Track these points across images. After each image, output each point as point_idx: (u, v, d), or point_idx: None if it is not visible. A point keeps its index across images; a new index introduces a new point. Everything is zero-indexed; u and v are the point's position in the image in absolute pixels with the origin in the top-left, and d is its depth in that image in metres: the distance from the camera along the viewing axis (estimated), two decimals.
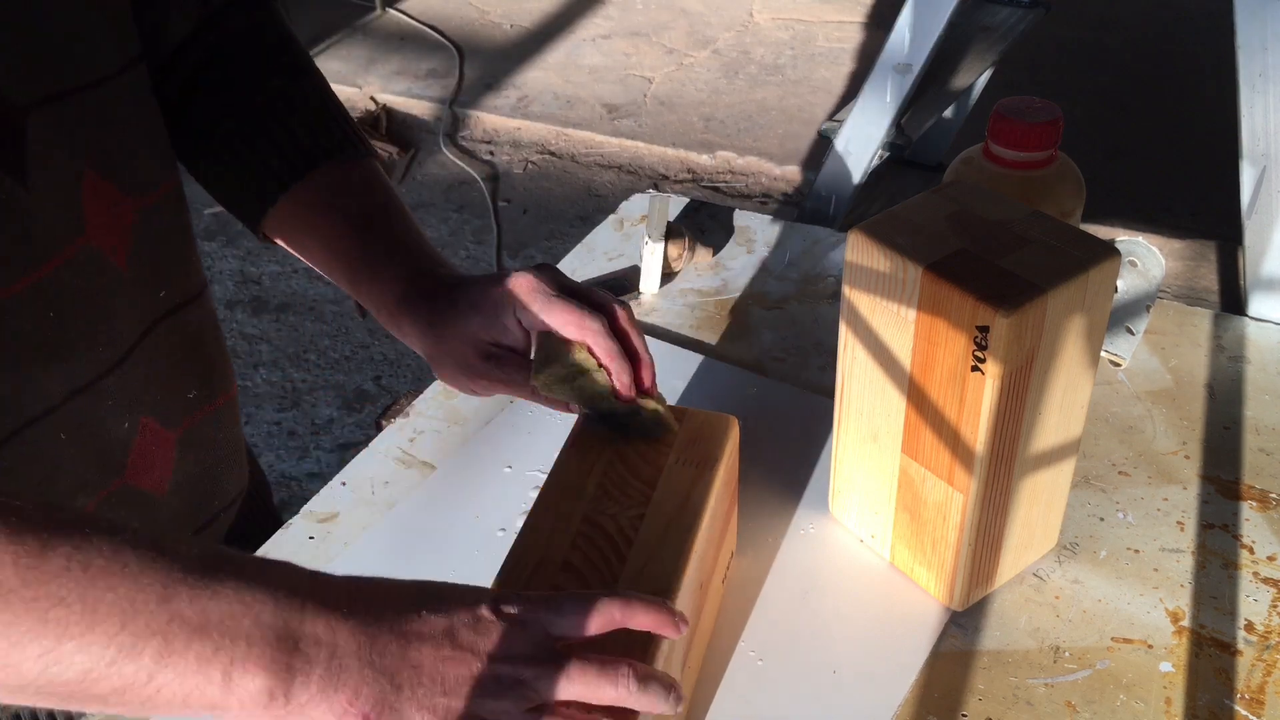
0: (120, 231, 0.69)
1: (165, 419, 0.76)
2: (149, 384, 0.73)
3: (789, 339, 1.00)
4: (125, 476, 0.73)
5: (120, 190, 0.69)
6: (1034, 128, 0.81)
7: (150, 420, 0.74)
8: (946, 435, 0.69)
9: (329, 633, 0.48)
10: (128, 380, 0.71)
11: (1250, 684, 0.70)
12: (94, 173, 0.67)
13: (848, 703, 0.70)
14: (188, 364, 0.77)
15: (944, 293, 0.65)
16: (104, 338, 0.69)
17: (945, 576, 0.74)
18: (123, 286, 0.70)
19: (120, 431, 0.72)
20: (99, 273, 0.68)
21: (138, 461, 0.74)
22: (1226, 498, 0.83)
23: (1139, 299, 0.98)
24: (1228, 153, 2.07)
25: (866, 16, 3.84)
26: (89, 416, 0.69)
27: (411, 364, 2.51)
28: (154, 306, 0.74)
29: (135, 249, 0.71)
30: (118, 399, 0.71)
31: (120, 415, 0.72)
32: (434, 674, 0.49)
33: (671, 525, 0.65)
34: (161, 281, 0.74)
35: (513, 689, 0.50)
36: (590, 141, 3.31)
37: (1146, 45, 3.59)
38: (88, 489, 0.71)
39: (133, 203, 0.70)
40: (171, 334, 0.75)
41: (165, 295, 0.75)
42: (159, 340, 0.74)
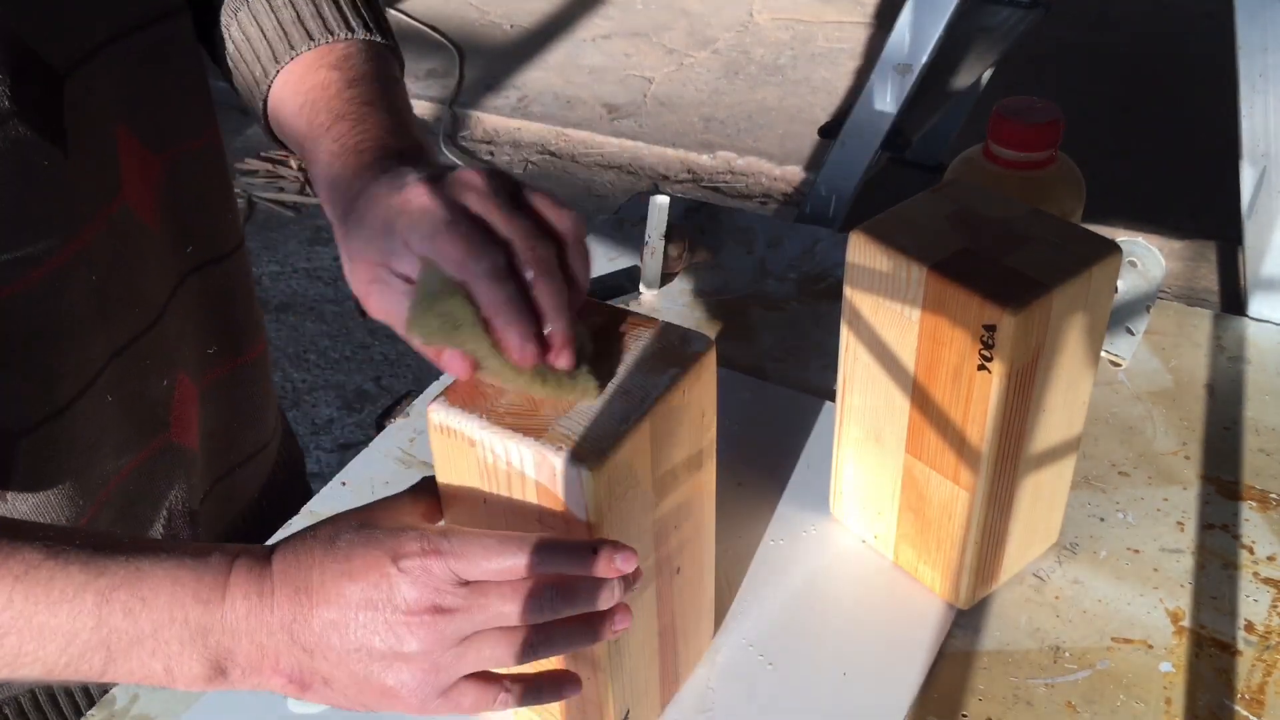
0: (149, 187, 0.69)
1: (194, 374, 0.76)
2: (181, 340, 0.74)
3: (789, 339, 1.00)
4: (169, 434, 0.74)
5: (146, 145, 0.68)
6: (1034, 128, 0.81)
7: (185, 376, 0.75)
8: (952, 434, 0.69)
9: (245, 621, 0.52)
10: (163, 338, 0.72)
11: (1250, 684, 0.71)
12: (125, 128, 0.66)
13: (860, 704, 0.70)
14: (212, 320, 0.77)
15: (949, 292, 0.65)
16: (140, 298, 0.69)
17: (950, 575, 0.74)
18: (153, 244, 0.70)
19: (159, 389, 0.72)
20: (134, 232, 0.68)
21: (179, 417, 0.75)
22: (1226, 498, 0.83)
23: (1139, 299, 0.98)
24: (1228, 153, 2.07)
25: (866, 16, 3.84)
26: (129, 376, 0.70)
27: (411, 364, 2.51)
28: (182, 262, 0.73)
29: (161, 205, 0.70)
30: (154, 357, 0.71)
31: (160, 373, 0.72)
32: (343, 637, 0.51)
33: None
34: (188, 238, 0.73)
35: (424, 634, 0.51)
36: (590, 142, 3.31)
37: (1146, 45, 3.60)
38: (131, 448, 0.71)
39: (158, 158, 0.69)
40: (197, 290, 0.75)
41: (192, 251, 0.74)
42: (187, 296, 0.74)
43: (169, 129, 0.70)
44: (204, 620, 0.52)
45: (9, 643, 0.51)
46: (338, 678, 0.52)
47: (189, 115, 0.72)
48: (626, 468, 0.55)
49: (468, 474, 0.57)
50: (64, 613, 0.51)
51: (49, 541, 0.52)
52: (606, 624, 0.53)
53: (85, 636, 0.51)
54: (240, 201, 3.06)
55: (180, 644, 0.52)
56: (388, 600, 0.51)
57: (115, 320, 0.68)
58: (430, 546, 0.51)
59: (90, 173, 0.63)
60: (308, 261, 2.85)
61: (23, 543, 0.52)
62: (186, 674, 0.52)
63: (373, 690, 0.53)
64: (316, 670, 0.52)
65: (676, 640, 0.68)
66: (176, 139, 0.71)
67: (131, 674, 0.52)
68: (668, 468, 0.59)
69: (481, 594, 0.51)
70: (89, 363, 0.66)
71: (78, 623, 0.51)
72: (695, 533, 0.65)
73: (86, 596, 0.51)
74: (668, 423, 0.58)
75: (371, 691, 0.53)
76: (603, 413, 0.55)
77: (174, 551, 0.53)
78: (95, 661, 0.52)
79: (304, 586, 0.52)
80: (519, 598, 0.51)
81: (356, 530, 0.53)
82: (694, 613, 0.69)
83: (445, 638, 0.51)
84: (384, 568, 0.51)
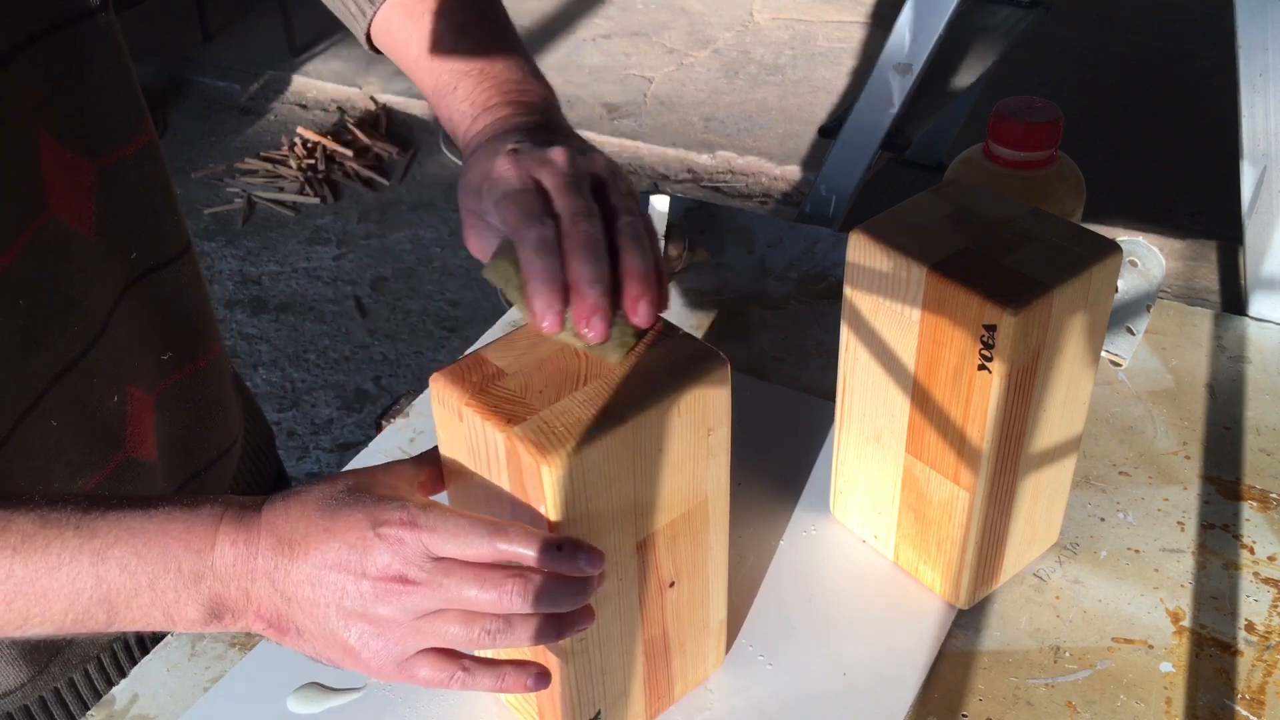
0: (83, 196, 0.67)
1: (146, 384, 0.75)
2: (129, 352, 0.72)
3: (789, 339, 1.00)
4: (125, 449, 0.73)
5: (78, 152, 0.66)
6: (1034, 128, 0.81)
7: (135, 389, 0.74)
8: (952, 434, 0.69)
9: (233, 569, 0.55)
10: (108, 351, 0.70)
11: (1250, 684, 0.71)
12: (49, 137, 0.63)
13: (860, 704, 0.70)
14: (164, 328, 0.76)
15: (949, 292, 0.65)
16: (79, 313, 0.68)
17: (951, 575, 0.74)
18: (92, 255, 0.68)
19: (110, 405, 0.71)
20: (66, 246, 0.66)
21: (134, 432, 0.74)
22: (1227, 498, 0.83)
23: (1139, 299, 0.98)
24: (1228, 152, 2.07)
25: (866, 16, 3.84)
26: (77, 396, 0.69)
27: (411, 364, 2.51)
28: (125, 270, 0.71)
29: (100, 212, 0.68)
30: (102, 373, 0.70)
31: (109, 389, 0.71)
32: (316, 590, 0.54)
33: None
34: (131, 244, 0.72)
35: (389, 601, 0.53)
36: (590, 141, 3.31)
37: (1146, 45, 3.60)
38: (86, 469, 0.71)
39: (91, 164, 0.67)
40: (145, 298, 0.73)
41: (137, 258, 0.72)
42: (133, 305, 0.72)
43: (102, 134, 0.68)
44: (196, 567, 0.54)
45: (17, 606, 0.54)
46: (309, 628, 0.55)
47: (121, 118, 0.69)
48: (597, 470, 0.55)
49: (459, 449, 0.59)
50: (63, 576, 0.53)
51: (40, 509, 0.54)
52: (568, 623, 0.54)
53: (87, 595, 0.54)
54: (239, 201, 3.06)
55: (176, 591, 0.54)
56: (360, 563, 0.53)
57: (53, 340, 0.66)
58: (409, 518, 0.53)
59: (10, 188, 0.61)
60: (308, 261, 2.85)
61: (17, 514, 0.54)
62: (185, 618, 0.55)
63: (337, 646, 0.54)
64: (292, 619, 0.55)
65: (670, 655, 0.67)
66: (111, 144, 0.69)
67: (135, 623, 0.55)
68: (657, 479, 0.59)
69: (448, 573, 0.53)
70: (27, 388, 0.65)
71: (78, 583, 0.53)
72: (697, 551, 0.65)
73: (82, 558, 0.53)
74: (657, 434, 0.57)
75: (336, 647, 0.55)
76: (589, 412, 0.55)
77: (164, 505, 0.55)
78: (99, 616, 0.54)
79: (287, 538, 0.54)
80: (483, 583, 0.52)
81: (347, 492, 0.55)
82: (693, 630, 0.68)
83: (406, 608, 0.53)
84: (363, 531, 0.53)
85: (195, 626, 0.55)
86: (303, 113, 3.50)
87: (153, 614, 0.55)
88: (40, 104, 0.63)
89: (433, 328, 2.62)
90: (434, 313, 2.67)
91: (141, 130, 0.71)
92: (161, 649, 0.75)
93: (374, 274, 2.79)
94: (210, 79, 3.62)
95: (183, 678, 0.73)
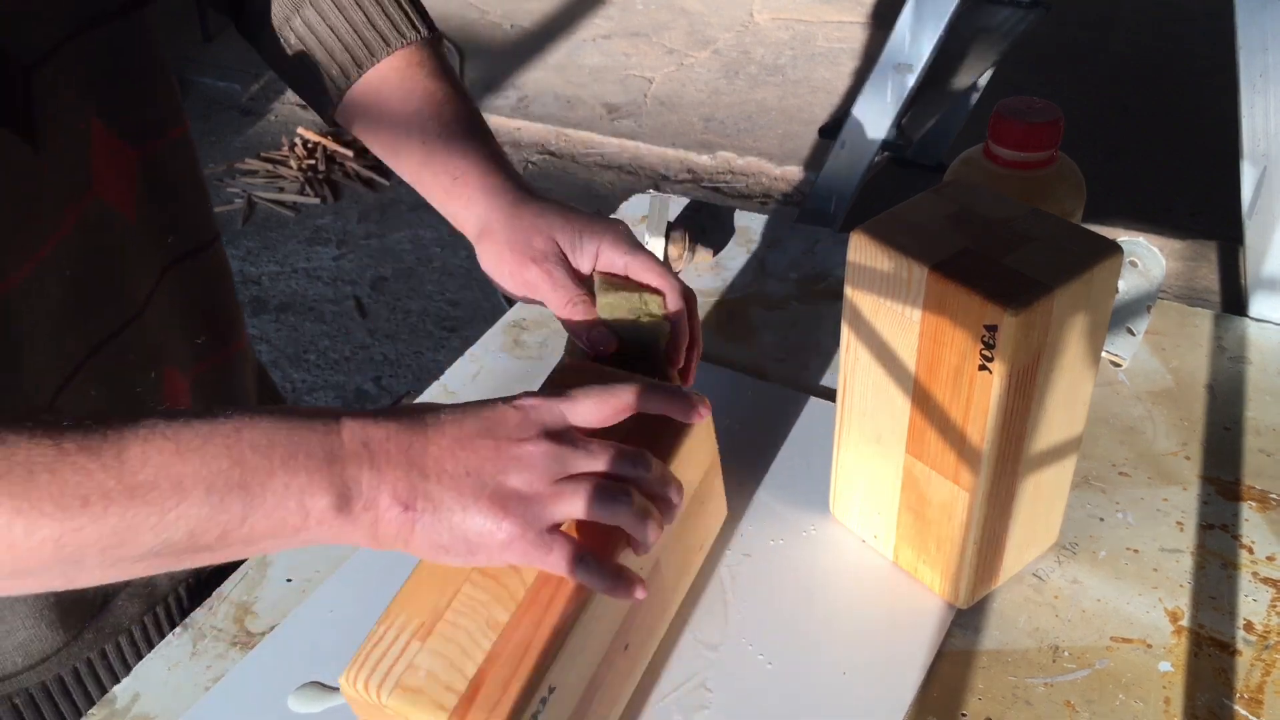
0: (126, 181, 0.70)
1: (182, 366, 0.77)
2: (165, 333, 0.75)
3: (789, 340, 1.00)
4: None
5: (122, 138, 0.69)
6: (1034, 128, 0.81)
7: (173, 370, 0.76)
8: (952, 435, 0.69)
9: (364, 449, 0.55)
10: (145, 331, 0.72)
11: (1249, 684, 0.71)
12: (99, 122, 0.67)
13: (860, 704, 0.70)
14: (198, 312, 0.78)
15: (950, 292, 0.65)
16: (118, 291, 0.70)
17: (950, 575, 0.74)
18: (132, 237, 0.71)
19: (148, 383, 0.73)
20: (109, 226, 0.68)
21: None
22: (1226, 498, 0.83)
23: (1139, 299, 0.98)
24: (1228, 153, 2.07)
25: (866, 16, 3.84)
26: (113, 371, 0.70)
27: (411, 364, 2.51)
28: (163, 254, 0.74)
29: (141, 197, 0.71)
30: (138, 352, 0.72)
31: (144, 367, 0.73)
32: (456, 460, 0.55)
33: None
34: (169, 228, 0.75)
35: (531, 463, 0.55)
36: (590, 142, 3.31)
37: (1146, 45, 3.60)
38: None
39: (136, 151, 0.70)
40: (182, 281, 0.76)
41: (174, 242, 0.75)
42: (171, 288, 0.75)
43: (145, 122, 0.71)
44: (328, 446, 0.53)
45: (154, 497, 0.51)
46: (445, 501, 0.54)
47: (162, 108, 0.73)
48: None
49: None
50: (196, 460, 0.51)
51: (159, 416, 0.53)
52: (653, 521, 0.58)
53: (223, 479, 0.52)
54: (239, 201, 3.06)
55: (308, 473, 0.53)
56: (499, 428, 0.55)
57: (94, 315, 0.68)
58: (539, 395, 0.58)
59: (62, 168, 0.64)
60: (308, 261, 2.85)
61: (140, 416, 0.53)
62: (318, 507, 0.53)
63: (476, 515, 0.54)
64: (429, 494, 0.54)
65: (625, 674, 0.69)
66: (154, 132, 0.72)
67: (269, 518, 0.53)
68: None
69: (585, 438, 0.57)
70: (68, 360, 0.67)
71: (213, 465, 0.52)
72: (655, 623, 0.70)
73: (215, 440, 0.52)
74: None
75: (475, 516, 0.54)
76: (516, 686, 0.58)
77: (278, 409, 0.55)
78: (235, 509, 0.52)
79: (420, 424, 0.55)
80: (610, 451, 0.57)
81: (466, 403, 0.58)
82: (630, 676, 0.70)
83: (549, 469, 0.55)
84: (499, 406, 0.57)
85: (326, 518, 0.53)
86: (303, 113, 3.50)
87: (286, 504, 0.53)
88: (90, 91, 0.66)
89: (433, 328, 2.63)
90: (434, 313, 2.67)
91: (177, 121, 0.75)
92: (163, 648, 0.76)
93: (374, 274, 2.80)
94: (210, 79, 3.62)
95: (183, 677, 0.73)
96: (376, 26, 0.79)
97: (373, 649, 0.59)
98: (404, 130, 0.78)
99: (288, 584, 0.80)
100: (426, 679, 0.57)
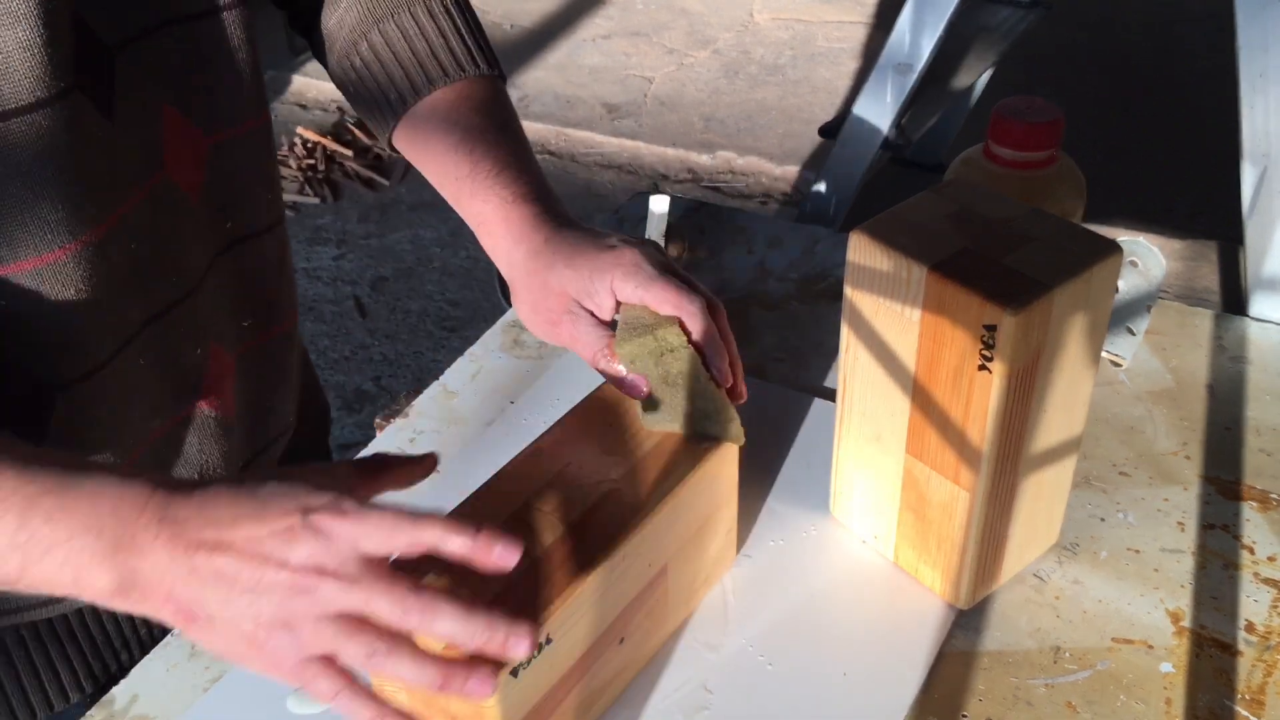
0: (194, 166, 0.73)
1: (229, 345, 0.79)
2: (215, 312, 0.77)
3: (789, 340, 1.00)
4: (200, 401, 0.77)
5: (195, 125, 0.72)
6: (1034, 128, 0.81)
7: (218, 347, 0.78)
8: (952, 434, 0.69)
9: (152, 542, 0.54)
10: (197, 308, 0.75)
11: (1250, 684, 0.71)
12: (172, 109, 0.70)
13: (860, 704, 0.70)
14: (246, 293, 0.80)
15: (950, 292, 0.65)
16: (177, 267, 0.73)
17: (951, 575, 0.74)
18: (193, 218, 0.74)
19: (193, 357, 0.76)
20: (174, 205, 0.71)
21: (210, 387, 0.77)
22: (1227, 498, 0.83)
23: (1140, 299, 0.98)
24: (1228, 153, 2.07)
25: (866, 16, 3.84)
26: (163, 343, 0.73)
27: (411, 364, 2.51)
28: (219, 238, 0.77)
29: (207, 183, 0.74)
30: (188, 326, 0.74)
31: (192, 342, 0.75)
32: (236, 579, 0.53)
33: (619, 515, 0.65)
34: (229, 215, 0.77)
35: (306, 595, 0.53)
36: (590, 141, 3.31)
37: (1146, 45, 3.60)
38: (161, 413, 0.75)
39: (207, 139, 0.73)
40: (233, 264, 0.78)
41: (231, 227, 0.78)
42: (222, 269, 0.77)
43: (219, 113, 0.74)
44: (118, 535, 0.54)
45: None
46: (219, 616, 0.54)
47: (239, 102, 0.75)
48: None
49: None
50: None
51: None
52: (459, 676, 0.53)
53: (7, 538, 0.53)
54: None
55: (91, 555, 0.54)
56: (283, 551, 0.53)
57: (152, 287, 0.71)
58: (338, 508, 0.53)
59: (135, 145, 0.67)
60: (307, 261, 2.85)
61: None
62: (93, 586, 0.54)
63: (242, 637, 0.54)
64: (206, 605, 0.54)
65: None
66: (227, 123, 0.75)
67: (44, 580, 0.54)
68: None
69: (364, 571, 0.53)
70: (125, 326, 0.70)
71: (3, 522, 0.53)
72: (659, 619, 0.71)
73: (15, 500, 0.53)
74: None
75: (241, 639, 0.54)
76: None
77: (103, 469, 0.56)
78: (12, 564, 0.54)
79: (214, 521, 0.54)
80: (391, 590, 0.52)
81: (280, 480, 0.55)
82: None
83: (317, 603, 0.52)
84: (292, 518, 0.53)
85: (101, 597, 0.55)
86: (303, 113, 3.50)
87: (63, 573, 0.54)
88: (167, 81, 0.69)
89: (433, 328, 2.62)
90: (434, 313, 2.67)
91: (256, 115, 0.77)
92: (161, 649, 0.76)
93: (374, 274, 2.79)
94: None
95: (183, 678, 0.73)
96: (439, 58, 0.81)
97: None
98: (439, 166, 0.80)
99: None
100: None
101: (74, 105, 0.62)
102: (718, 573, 0.77)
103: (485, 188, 0.77)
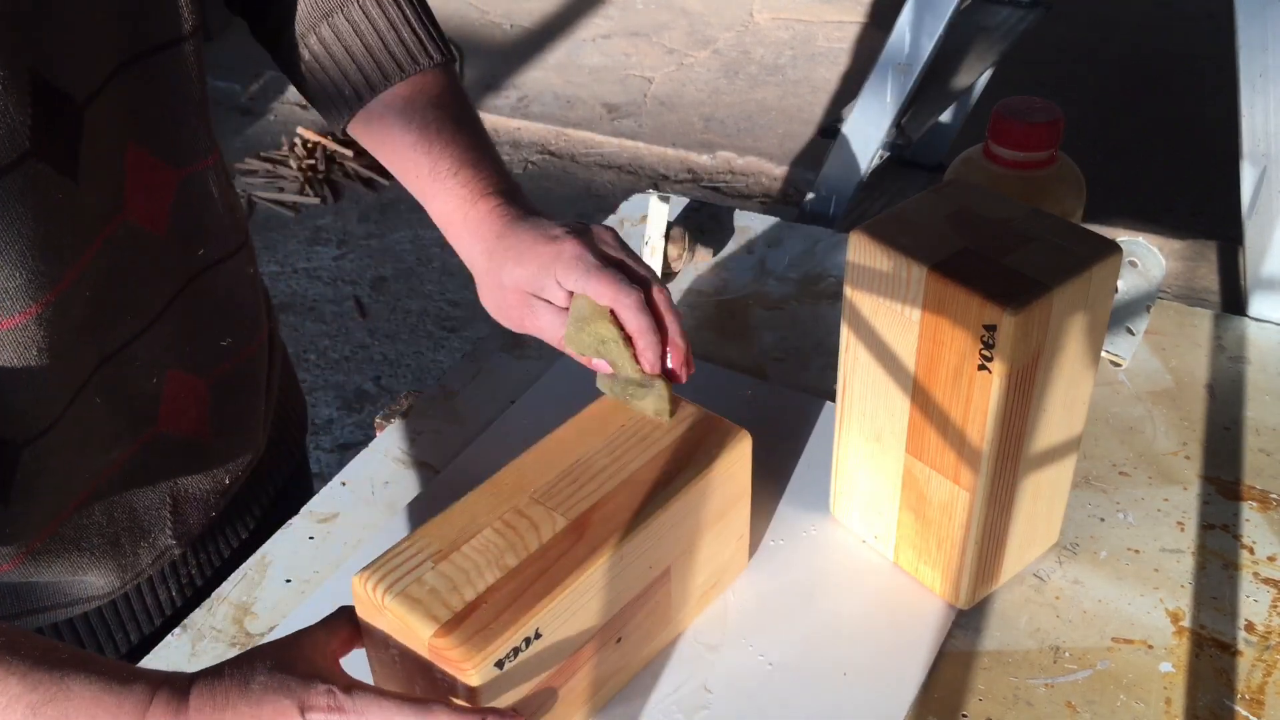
0: (159, 200, 0.72)
1: (195, 368, 0.78)
2: (176, 340, 0.76)
3: (789, 340, 1.00)
4: (158, 426, 0.76)
5: (163, 160, 0.71)
6: (1034, 128, 0.81)
7: (177, 372, 0.77)
8: (952, 434, 0.69)
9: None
10: (154, 341, 0.74)
11: (1250, 684, 0.71)
12: (139, 149, 0.69)
13: (860, 704, 0.70)
14: (220, 315, 0.80)
15: (949, 292, 0.65)
16: (134, 306, 0.72)
17: (951, 575, 0.74)
18: (160, 252, 0.73)
19: (148, 386, 0.75)
20: (136, 245, 0.70)
21: (169, 411, 0.76)
22: (1227, 498, 0.83)
23: (1139, 299, 0.98)
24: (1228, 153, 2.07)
25: (866, 16, 3.84)
26: (118, 378, 0.72)
27: (411, 364, 2.51)
28: (188, 267, 0.76)
29: (174, 215, 0.73)
30: (144, 359, 0.73)
31: (147, 372, 0.74)
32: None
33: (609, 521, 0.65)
34: (198, 243, 0.76)
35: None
36: (590, 141, 3.31)
37: (1146, 45, 3.60)
38: (121, 441, 0.74)
39: (175, 172, 0.73)
40: (203, 291, 0.77)
41: (203, 254, 0.77)
42: (190, 298, 0.76)
43: (184, 147, 0.73)
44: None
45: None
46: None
47: (203, 132, 0.75)
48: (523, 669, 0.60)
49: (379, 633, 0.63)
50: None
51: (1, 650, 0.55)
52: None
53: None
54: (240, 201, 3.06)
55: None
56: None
57: (108, 329, 0.70)
58: (335, 704, 0.55)
59: (97, 195, 0.66)
60: (307, 261, 2.85)
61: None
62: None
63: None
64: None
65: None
66: (193, 155, 0.74)
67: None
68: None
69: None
70: (81, 370, 0.69)
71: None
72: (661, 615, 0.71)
73: (18, 708, 0.55)
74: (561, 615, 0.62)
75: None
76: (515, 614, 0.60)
77: (104, 674, 0.56)
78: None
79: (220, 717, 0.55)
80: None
81: (270, 673, 0.56)
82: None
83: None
84: (290, 717, 0.55)
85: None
86: (303, 113, 3.50)
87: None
88: (131, 119, 0.68)
89: (433, 328, 2.62)
90: (434, 313, 2.67)
91: (214, 143, 0.77)
92: (161, 649, 0.76)
93: (374, 274, 2.80)
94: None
95: None
96: (392, 52, 0.80)
97: (390, 559, 0.63)
98: (399, 165, 0.80)
99: (287, 585, 0.80)
100: (429, 594, 0.60)
101: (29, 173, 0.59)
102: (726, 579, 0.77)
103: (445, 188, 0.77)
